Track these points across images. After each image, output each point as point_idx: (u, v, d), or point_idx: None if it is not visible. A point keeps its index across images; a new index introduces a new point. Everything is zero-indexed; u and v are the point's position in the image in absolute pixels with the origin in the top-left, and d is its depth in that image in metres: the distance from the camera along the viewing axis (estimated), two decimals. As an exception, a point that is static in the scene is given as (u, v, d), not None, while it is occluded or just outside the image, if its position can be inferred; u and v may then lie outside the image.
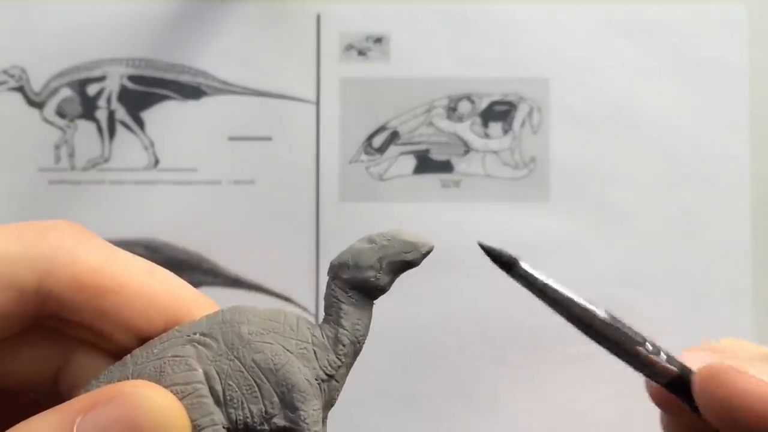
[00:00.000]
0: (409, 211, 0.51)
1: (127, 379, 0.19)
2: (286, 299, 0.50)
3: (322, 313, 0.21)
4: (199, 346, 0.20)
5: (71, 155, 0.51)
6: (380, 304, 0.21)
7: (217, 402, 0.19)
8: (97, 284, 0.20)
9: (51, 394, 0.22)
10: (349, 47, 0.51)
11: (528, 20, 0.51)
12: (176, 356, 0.19)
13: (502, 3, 0.51)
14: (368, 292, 0.20)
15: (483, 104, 0.51)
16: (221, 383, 0.19)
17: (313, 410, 0.19)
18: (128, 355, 0.20)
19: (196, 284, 0.50)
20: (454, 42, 0.51)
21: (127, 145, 0.51)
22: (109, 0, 0.51)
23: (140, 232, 0.51)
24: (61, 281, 0.20)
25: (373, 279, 0.20)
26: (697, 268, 0.50)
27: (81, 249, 0.20)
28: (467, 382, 0.49)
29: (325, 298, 0.21)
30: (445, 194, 0.51)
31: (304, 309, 0.49)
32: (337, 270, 0.21)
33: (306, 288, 0.50)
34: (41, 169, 0.51)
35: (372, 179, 0.51)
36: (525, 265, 0.20)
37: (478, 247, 0.20)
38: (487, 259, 0.20)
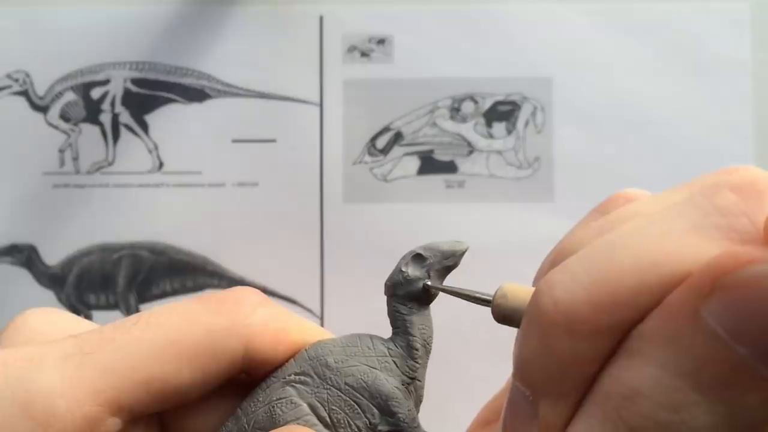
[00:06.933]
0: (413, 211, 0.51)
1: (245, 429, 0.22)
2: (292, 301, 0.50)
3: (327, 313, 0.23)
4: (297, 385, 0.23)
5: (75, 159, 0.51)
6: (380, 304, 0.23)
7: (327, 426, 0.22)
8: (286, 341, 0.23)
9: None
10: (352, 49, 0.51)
11: (530, 20, 0.51)
12: (280, 398, 0.23)
13: (504, 3, 0.51)
14: (423, 300, 0.23)
15: (486, 104, 0.51)
16: (326, 410, 0.22)
17: (408, 410, 0.22)
18: (238, 409, 0.23)
19: (200, 287, 0.51)
20: (457, 42, 0.51)
21: (131, 149, 0.51)
22: (112, 3, 0.51)
23: (145, 235, 0.51)
24: (263, 343, 0.23)
25: (424, 288, 0.23)
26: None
27: (265, 312, 0.23)
28: (469, 382, 0.49)
29: (389, 315, 0.23)
30: (450, 195, 0.51)
31: (309, 310, 0.49)
32: (392, 289, 0.23)
33: (311, 289, 0.50)
34: (45, 172, 0.51)
35: (376, 180, 0.51)
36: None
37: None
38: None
